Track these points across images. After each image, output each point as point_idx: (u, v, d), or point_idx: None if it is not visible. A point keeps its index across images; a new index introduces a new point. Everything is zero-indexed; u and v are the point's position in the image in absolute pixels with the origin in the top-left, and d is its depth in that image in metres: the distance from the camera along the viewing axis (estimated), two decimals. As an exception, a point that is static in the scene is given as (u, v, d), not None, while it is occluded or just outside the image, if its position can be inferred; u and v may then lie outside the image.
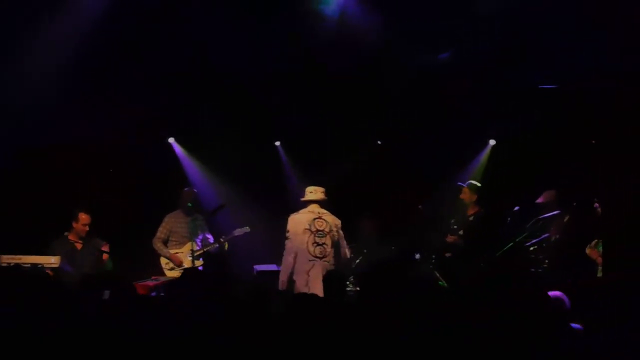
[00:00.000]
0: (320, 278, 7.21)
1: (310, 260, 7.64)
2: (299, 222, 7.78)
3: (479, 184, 9.19)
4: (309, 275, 7.56)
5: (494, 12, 7.82)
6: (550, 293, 4.49)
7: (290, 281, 7.67)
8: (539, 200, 8.48)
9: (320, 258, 7.66)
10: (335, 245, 7.79)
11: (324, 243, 7.71)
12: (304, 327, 3.79)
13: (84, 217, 8.29)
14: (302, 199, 7.98)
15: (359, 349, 3.62)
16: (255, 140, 10.36)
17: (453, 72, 9.10)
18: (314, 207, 7.86)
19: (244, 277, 8.77)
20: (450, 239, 8.90)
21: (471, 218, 8.97)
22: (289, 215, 7.96)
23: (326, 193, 7.97)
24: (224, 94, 9.77)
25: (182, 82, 9.39)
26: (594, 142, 8.17)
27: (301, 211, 7.89)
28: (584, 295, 4.53)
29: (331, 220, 7.84)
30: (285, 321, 3.90)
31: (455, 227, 9.04)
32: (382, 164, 10.71)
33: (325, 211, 7.89)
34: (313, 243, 7.69)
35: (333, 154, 10.68)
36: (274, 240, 8.58)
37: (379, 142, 11.13)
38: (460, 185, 9.17)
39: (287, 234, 7.80)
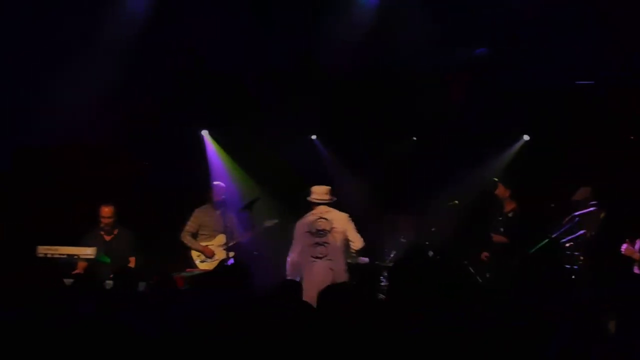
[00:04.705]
0: (321, 277, 7.30)
1: (312, 261, 7.71)
2: (301, 225, 7.88)
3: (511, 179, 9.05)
4: (311, 275, 7.59)
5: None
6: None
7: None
8: (575, 198, 8.35)
9: (321, 258, 7.70)
10: (342, 240, 7.75)
11: (325, 242, 7.72)
12: (331, 321, 3.79)
13: (105, 210, 8.41)
14: (308, 198, 7.96)
15: (379, 344, 3.61)
16: (291, 134, 10.33)
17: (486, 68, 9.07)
18: (319, 209, 7.87)
19: (276, 272, 8.77)
20: (496, 238, 8.76)
21: (510, 214, 8.82)
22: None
23: (332, 192, 7.94)
24: (256, 88, 9.81)
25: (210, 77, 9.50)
26: (632, 138, 8.07)
27: (306, 215, 7.94)
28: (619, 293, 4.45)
29: (334, 217, 7.81)
30: (311, 316, 3.90)
31: (499, 227, 8.86)
32: (418, 160, 10.65)
33: (329, 209, 7.86)
34: (314, 244, 7.74)
35: (369, 149, 10.65)
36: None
37: (414, 139, 11.08)
38: (495, 180, 9.01)
39: (293, 240, 7.91)
